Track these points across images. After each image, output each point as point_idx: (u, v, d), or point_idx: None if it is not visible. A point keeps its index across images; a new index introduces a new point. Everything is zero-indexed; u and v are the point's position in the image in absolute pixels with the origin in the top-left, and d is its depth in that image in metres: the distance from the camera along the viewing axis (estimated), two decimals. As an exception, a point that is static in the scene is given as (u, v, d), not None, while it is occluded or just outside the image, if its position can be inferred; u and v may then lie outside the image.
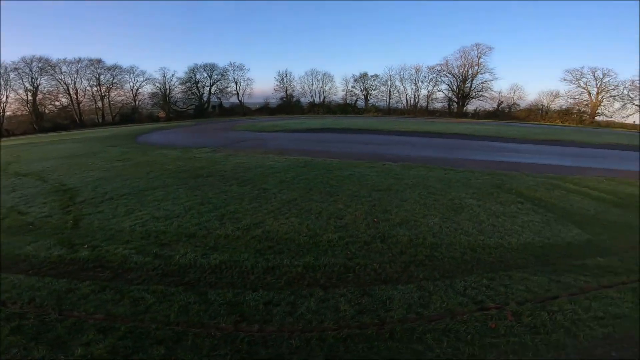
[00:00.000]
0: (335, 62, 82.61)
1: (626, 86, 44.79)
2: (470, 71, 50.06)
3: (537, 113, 43.15)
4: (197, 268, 3.81)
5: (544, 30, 72.16)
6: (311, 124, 23.27)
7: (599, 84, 45.67)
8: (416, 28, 77.17)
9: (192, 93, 45.87)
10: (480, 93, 49.45)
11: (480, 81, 49.28)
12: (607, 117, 44.71)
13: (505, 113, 44.71)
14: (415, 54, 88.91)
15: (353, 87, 50.86)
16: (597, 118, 43.99)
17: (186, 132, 21.51)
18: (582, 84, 46.54)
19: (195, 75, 45.25)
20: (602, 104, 45.73)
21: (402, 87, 50.85)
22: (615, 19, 62.73)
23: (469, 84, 50.06)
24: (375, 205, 5.90)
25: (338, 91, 51.25)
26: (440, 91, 50.94)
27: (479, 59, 49.60)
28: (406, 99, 51.32)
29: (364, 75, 50.46)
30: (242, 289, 3.41)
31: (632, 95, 44.84)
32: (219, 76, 46.57)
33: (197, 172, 8.25)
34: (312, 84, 50.58)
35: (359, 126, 21.92)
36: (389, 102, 52.13)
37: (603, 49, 64.96)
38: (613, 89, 45.13)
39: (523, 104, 46.22)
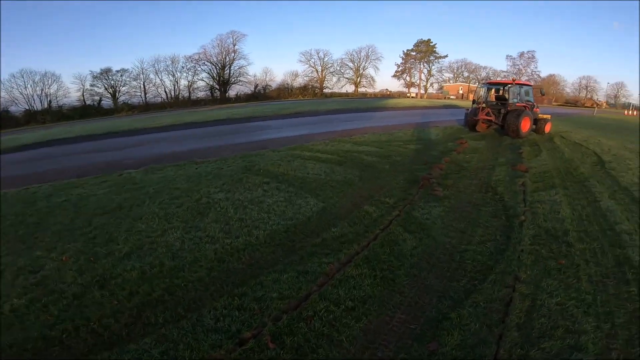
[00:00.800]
0: (63, 59, 64.18)
1: (338, 63, 59.70)
2: (227, 58, 51.18)
3: (285, 91, 50.52)
4: None
5: (283, 16, 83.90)
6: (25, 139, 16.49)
7: (321, 62, 58.31)
8: (169, 17, 70.85)
9: None
10: (239, 78, 51.94)
11: (238, 67, 51.62)
12: (330, 89, 58.70)
13: (261, 94, 49.41)
14: (170, 44, 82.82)
15: (93, 85, 41.21)
16: (324, 91, 56.79)
17: None
18: (311, 64, 57.94)
19: None
20: (326, 79, 59.11)
21: (158, 79, 45.88)
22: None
23: (228, 71, 51.34)
24: (95, 236, 4.26)
25: (70, 92, 40.11)
26: (201, 80, 49.65)
27: (234, 46, 51.39)
28: (165, 91, 46.85)
29: (106, 71, 41.61)
30: None
31: (342, 71, 60.20)
32: None
33: None
34: (26, 87, 37.12)
35: (94, 131, 17.30)
36: (146, 98, 46.11)
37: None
38: (330, 66, 59.01)
39: (274, 85, 52.77)
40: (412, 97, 56.75)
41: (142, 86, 44.84)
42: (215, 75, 49.60)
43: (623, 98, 69.94)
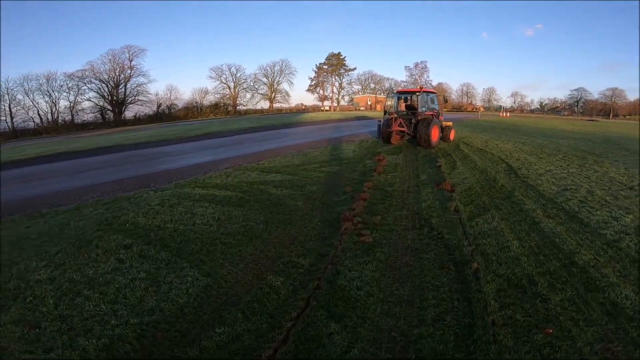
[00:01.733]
0: None
1: (252, 79, 57.41)
2: (122, 75, 44.65)
3: (193, 110, 46.21)
4: None
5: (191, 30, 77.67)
6: None
7: (234, 78, 55.34)
8: (45, 31, 58.97)
9: None
10: (137, 97, 45.84)
11: (136, 85, 45.45)
12: (244, 106, 56.02)
13: (166, 114, 44.27)
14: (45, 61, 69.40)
15: None
16: (238, 108, 53.89)
17: None
18: (223, 80, 54.51)
19: None
20: (239, 96, 56.29)
21: (29, 101, 37.51)
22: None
23: (123, 89, 44.85)
24: None
25: None
26: (89, 100, 42.28)
27: (130, 62, 45.05)
28: (39, 114, 38.55)
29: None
30: None
31: (256, 86, 58.11)
32: None
33: None
34: None
35: None
36: (13, 123, 37.33)
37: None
38: (243, 82, 56.43)
39: (181, 104, 47.90)
40: (326, 110, 57.92)
41: (8, 109, 36.03)
42: (107, 94, 42.86)
43: (494, 101, 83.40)
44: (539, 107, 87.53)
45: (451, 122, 13.63)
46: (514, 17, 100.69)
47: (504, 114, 46.53)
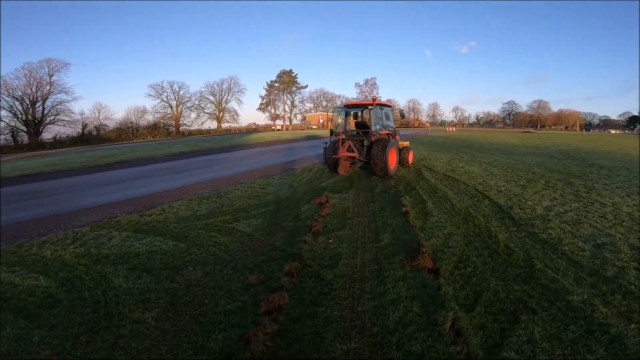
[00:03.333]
0: None
1: (197, 97, 52.62)
2: (39, 92, 37.80)
3: (127, 131, 40.43)
4: None
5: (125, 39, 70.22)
6: None
7: (177, 96, 50.19)
8: None
9: None
10: (58, 117, 39.09)
11: (55, 102, 38.72)
12: (189, 126, 50.92)
13: (93, 136, 38.08)
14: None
15: None
16: (182, 128, 48.76)
17: None
18: (164, 98, 49.13)
19: None
20: (183, 115, 51.16)
21: None
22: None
23: (41, 107, 37.97)
24: None
25: None
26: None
27: (50, 77, 38.32)
28: None
29: None
30: None
31: (202, 105, 53.41)
32: None
33: None
34: None
35: None
36: None
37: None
38: (187, 100, 51.46)
39: (112, 124, 41.80)
40: (278, 129, 55.12)
41: None
42: (20, 113, 35.95)
43: (438, 116, 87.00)
44: (475, 120, 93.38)
45: (408, 142, 11.39)
46: (451, 34, 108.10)
47: (450, 128, 47.33)
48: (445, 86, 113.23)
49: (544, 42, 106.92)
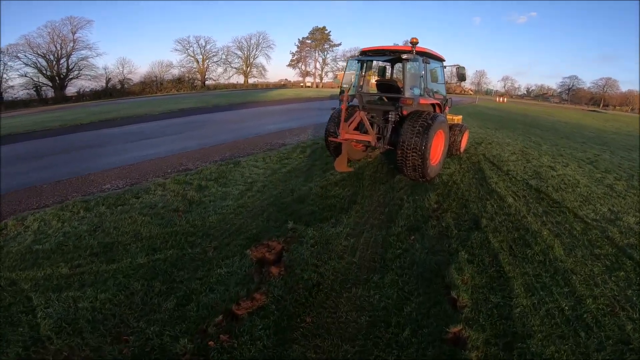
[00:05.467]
0: None
1: (224, 52, 49.01)
2: (63, 49, 36.14)
3: (151, 85, 38.08)
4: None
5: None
6: None
7: (203, 51, 46.85)
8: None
9: None
10: (82, 72, 37.49)
11: (79, 58, 36.98)
12: (215, 80, 47.80)
13: (117, 90, 36.18)
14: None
15: None
16: (207, 82, 45.79)
17: None
18: (190, 53, 46.05)
19: None
20: (209, 70, 48.04)
21: None
22: None
23: (65, 63, 36.47)
24: None
25: None
26: (24, 76, 34.11)
27: (74, 35, 36.39)
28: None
29: None
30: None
31: (229, 60, 49.83)
32: None
33: None
34: None
35: None
36: None
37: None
38: (214, 55, 48.02)
39: (136, 78, 39.61)
40: (308, 86, 50.49)
41: None
42: (45, 70, 34.66)
43: (484, 85, 76.51)
44: (525, 92, 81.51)
45: (460, 116, 7.27)
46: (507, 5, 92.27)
47: (500, 98, 39.97)
48: (495, 55, 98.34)
49: (617, 21, 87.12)
